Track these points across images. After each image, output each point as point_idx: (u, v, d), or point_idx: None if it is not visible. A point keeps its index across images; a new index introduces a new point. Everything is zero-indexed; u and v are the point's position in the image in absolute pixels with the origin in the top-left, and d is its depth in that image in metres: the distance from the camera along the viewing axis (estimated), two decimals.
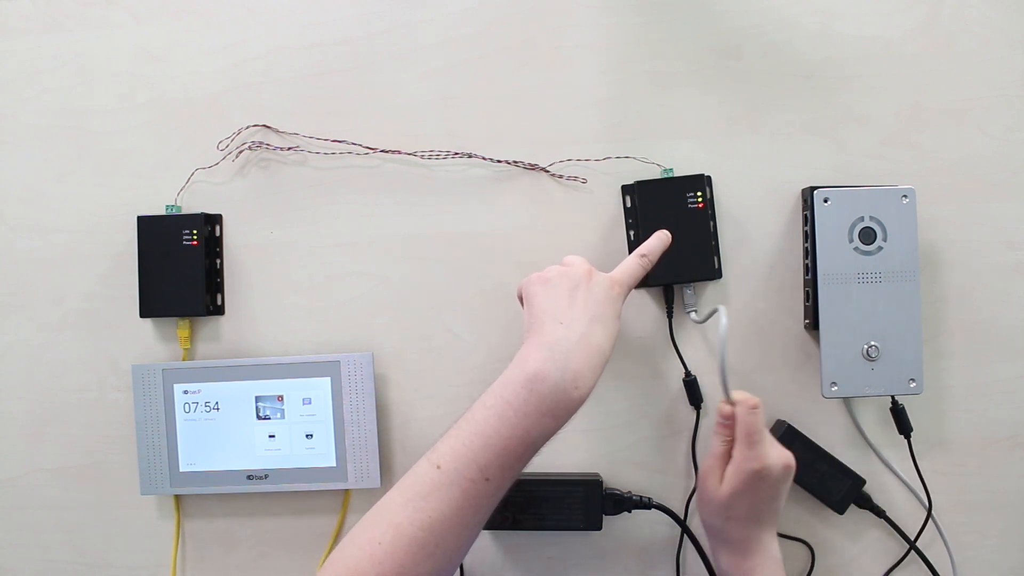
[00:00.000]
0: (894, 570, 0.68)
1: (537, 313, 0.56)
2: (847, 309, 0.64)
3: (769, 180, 0.69)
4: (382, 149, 0.71)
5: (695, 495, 0.66)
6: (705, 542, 0.69)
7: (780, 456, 0.57)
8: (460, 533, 0.51)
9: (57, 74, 0.74)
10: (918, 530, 0.68)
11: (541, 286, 0.57)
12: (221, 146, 0.72)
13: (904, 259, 0.64)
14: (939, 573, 0.68)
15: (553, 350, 0.53)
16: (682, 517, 0.69)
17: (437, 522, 0.50)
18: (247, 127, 0.72)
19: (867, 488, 0.68)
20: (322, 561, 0.72)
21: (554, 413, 0.52)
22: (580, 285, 0.56)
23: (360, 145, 0.71)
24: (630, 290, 0.59)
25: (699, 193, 0.67)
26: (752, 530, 0.58)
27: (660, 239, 0.62)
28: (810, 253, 0.66)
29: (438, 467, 0.52)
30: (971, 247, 0.68)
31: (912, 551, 0.68)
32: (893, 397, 0.66)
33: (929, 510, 0.67)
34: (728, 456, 0.58)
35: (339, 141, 0.71)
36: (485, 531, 0.70)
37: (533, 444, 0.53)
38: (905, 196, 0.64)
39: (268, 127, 0.72)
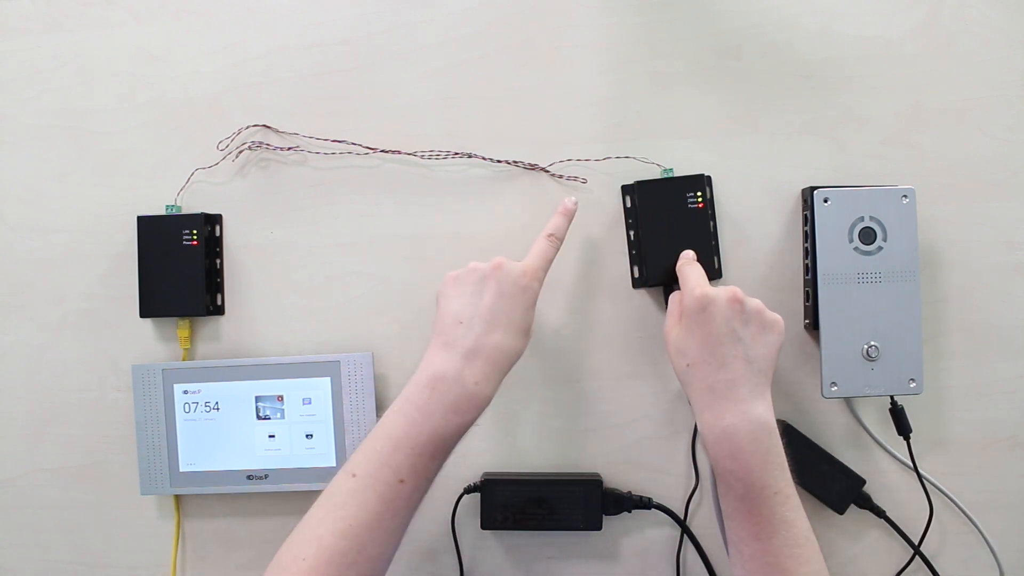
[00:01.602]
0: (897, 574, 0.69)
1: (442, 313, 0.58)
2: (847, 309, 0.64)
3: (769, 180, 0.69)
4: (382, 149, 0.71)
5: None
6: (705, 542, 0.69)
7: (723, 288, 0.58)
8: (381, 539, 0.52)
9: (57, 74, 0.74)
10: (919, 531, 0.68)
11: (451, 286, 0.59)
12: (221, 146, 0.72)
13: (904, 259, 0.64)
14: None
15: (452, 350, 0.55)
16: (682, 517, 0.69)
17: (357, 528, 0.51)
18: (247, 127, 0.72)
19: (867, 488, 0.68)
20: None
21: (458, 409, 0.54)
22: (487, 280, 0.57)
23: (360, 145, 0.71)
24: (544, 272, 0.60)
25: (699, 193, 0.67)
26: (716, 374, 0.55)
27: (564, 213, 0.63)
28: (810, 253, 0.66)
29: (353, 475, 0.53)
30: (971, 247, 0.68)
31: (917, 556, 0.68)
32: (892, 398, 0.66)
33: (931, 512, 0.67)
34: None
35: (339, 141, 0.71)
36: (485, 531, 0.70)
37: (443, 442, 0.54)
38: (905, 196, 0.64)
39: (268, 127, 0.72)
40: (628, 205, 0.69)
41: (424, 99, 0.71)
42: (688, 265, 0.63)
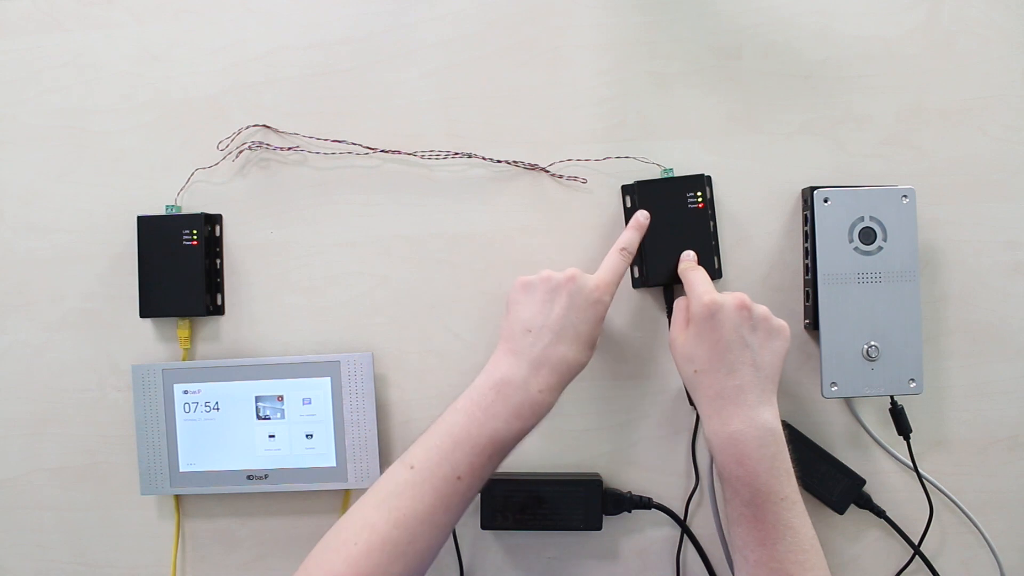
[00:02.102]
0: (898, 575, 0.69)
1: (512, 320, 0.58)
2: (847, 309, 0.64)
3: (769, 180, 0.69)
4: (382, 149, 0.71)
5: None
6: (705, 542, 0.69)
7: (731, 295, 0.58)
8: (432, 533, 0.52)
9: (57, 74, 0.74)
10: (919, 531, 0.68)
11: (521, 292, 0.59)
12: (221, 146, 0.72)
13: (904, 259, 0.64)
14: None
15: (519, 357, 0.56)
16: (682, 517, 0.69)
17: (410, 520, 0.51)
18: (247, 127, 0.72)
19: (867, 488, 0.68)
20: None
21: (520, 415, 0.55)
22: (560, 290, 0.58)
23: (360, 145, 0.71)
24: (616, 286, 0.60)
25: (699, 193, 0.67)
26: (725, 381, 0.56)
27: (635, 228, 0.64)
28: (810, 253, 0.66)
29: (411, 467, 0.53)
30: (971, 247, 0.68)
31: (917, 556, 0.68)
32: (892, 398, 0.66)
33: (931, 512, 0.67)
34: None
35: (339, 141, 0.71)
36: (485, 531, 0.70)
37: (503, 444, 0.55)
38: (905, 196, 0.64)
39: (268, 127, 0.72)
40: (628, 205, 0.69)
41: (424, 99, 0.71)
42: (692, 270, 0.63)
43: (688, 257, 0.65)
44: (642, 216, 0.64)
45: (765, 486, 0.53)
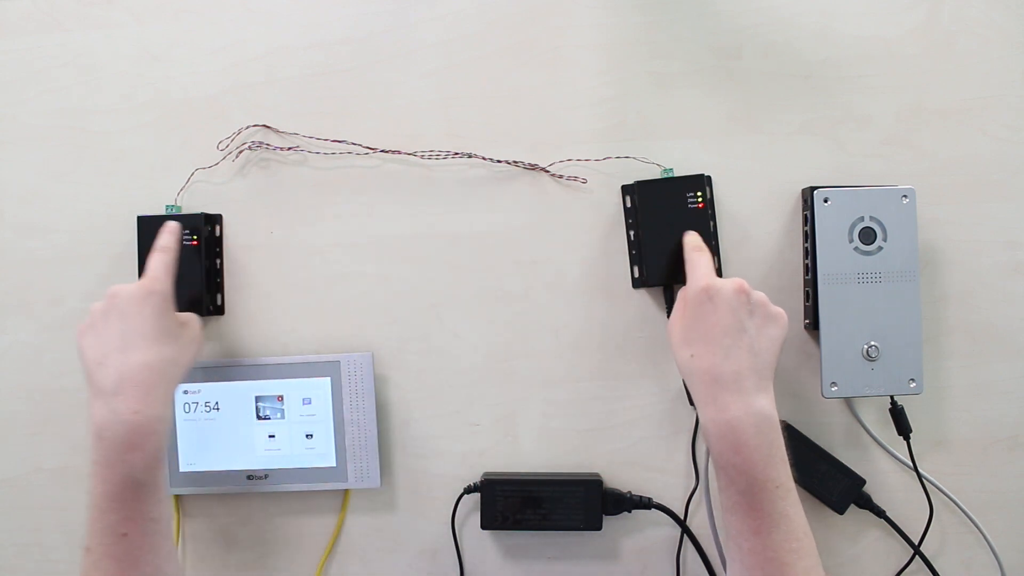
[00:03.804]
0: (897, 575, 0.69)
1: (84, 365, 0.57)
2: (847, 309, 0.64)
3: (769, 180, 0.69)
4: (382, 149, 0.71)
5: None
6: (705, 542, 0.69)
7: (729, 280, 0.57)
8: None
9: (57, 74, 0.74)
10: (919, 531, 0.68)
11: (84, 335, 0.58)
12: (221, 146, 0.72)
13: (904, 259, 0.64)
14: None
15: (101, 396, 0.55)
16: (682, 517, 0.69)
17: None
18: (247, 127, 0.72)
19: (867, 488, 0.68)
20: (321, 563, 0.72)
21: (134, 445, 0.54)
22: (109, 311, 0.58)
23: (360, 145, 0.71)
24: (164, 273, 0.60)
25: (699, 193, 0.67)
26: (721, 365, 0.54)
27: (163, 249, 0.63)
28: (810, 253, 0.66)
29: (88, 549, 0.53)
30: (971, 247, 0.68)
31: (917, 556, 0.68)
32: (892, 398, 0.66)
33: (931, 512, 0.67)
34: None
35: (339, 141, 0.71)
36: (485, 531, 0.70)
37: (141, 482, 0.54)
38: (905, 196, 0.64)
39: (268, 127, 0.72)
40: (628, 205, 0.69)
41: (424, 99, 0.71)
42: (697, 252, 0.62)
43: (694, 241, 0.64)
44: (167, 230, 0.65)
45: (762, 474, 0.53)
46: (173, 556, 0.56)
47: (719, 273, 0.68)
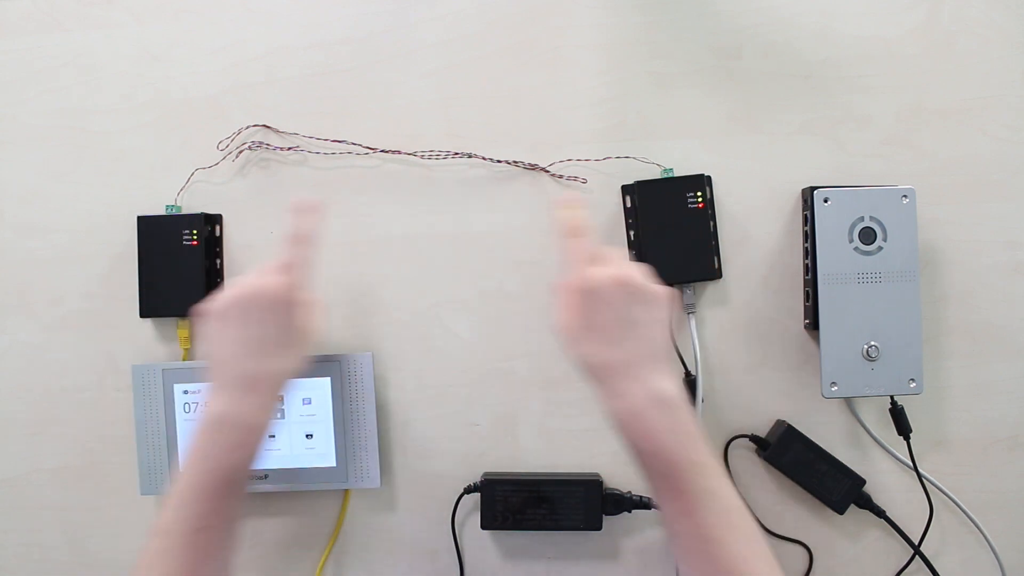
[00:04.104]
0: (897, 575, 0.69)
1: (213, 351, 0.57)
2: (847, 309, 0.64)
3: (769, 180, 0.69)
4: (382, 149, 0.71)
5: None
6: None
7: (605, 271, 0.54)
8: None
9: (57, 74, 0.74)
10: (919, 531, 0.68)
11: (219, 323, 0.57)
12: (221, 146, 0.72)
13: (904, 259, 0.64)
14: None
15: (225, 388, 0.56)
16: None
17: None
18: (247, 127, 0.72)
19: (867, 488, 0.68)
20: (321, 563, 0.72)
21: (242, 444, 0.55)
22: (251, 308, 0.57)
23: (360, 145, 0.71)
24: (299, 279, 0.60)
25: (699, 193, 0.67)
26: (613, 357, 0.53)
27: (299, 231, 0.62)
28: (810, 253, 0.66)
29: (161, 533, 0.53)
30: (971, 247, 0.68)
31: (917, 556, 0.68)
32: (892, 398, 0.66)
33: (931, 512, 0.67)
34: None
35: (339, 141, 0.71)
36: (485, 531, 0.70)
37: (236, 481, 0.55)
38: (905, 196, 0.64)
39: (268, 127, 0.72)
40: (628, 205, 0.69)
41: (424, 99, 0.71)
42: (571, 237, 0.57)
43: (568, 213, 0.57)
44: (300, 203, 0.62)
45: (675, 455, 0.51)
46: (232, 559, 0.56)
47: (719, 273, 0.68)
